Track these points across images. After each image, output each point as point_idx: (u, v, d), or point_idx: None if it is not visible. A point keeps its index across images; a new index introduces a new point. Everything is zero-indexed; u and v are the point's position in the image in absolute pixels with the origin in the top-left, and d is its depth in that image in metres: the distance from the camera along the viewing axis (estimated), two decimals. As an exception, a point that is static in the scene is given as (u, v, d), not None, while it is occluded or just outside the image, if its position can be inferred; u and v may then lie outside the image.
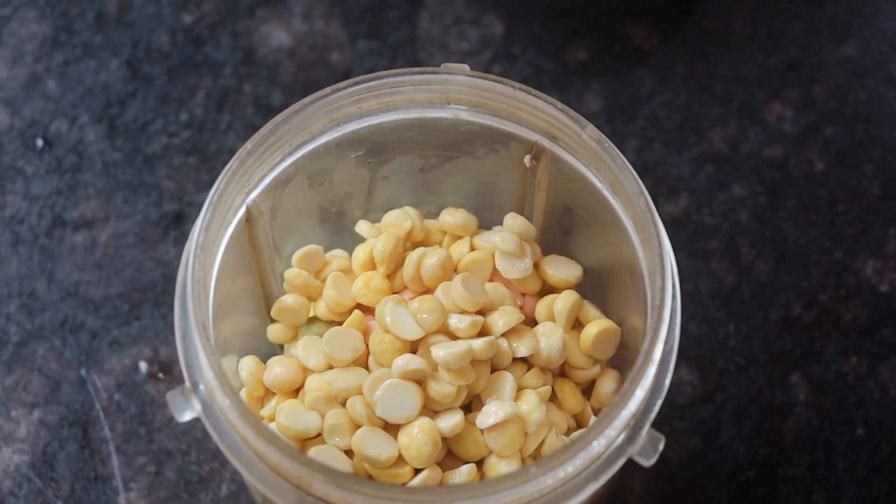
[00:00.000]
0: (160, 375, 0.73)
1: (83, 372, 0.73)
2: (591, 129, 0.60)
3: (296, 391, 0.63)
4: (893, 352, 0.74)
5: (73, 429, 0.72)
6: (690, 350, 0.74)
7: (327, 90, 0.60)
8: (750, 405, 0.73)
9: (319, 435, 0.61)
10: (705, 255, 0.77)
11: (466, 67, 0.62)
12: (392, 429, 0.61)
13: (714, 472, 0.72)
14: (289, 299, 0.65)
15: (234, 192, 0.58)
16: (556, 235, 0.67)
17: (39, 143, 0.79)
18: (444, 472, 0.61)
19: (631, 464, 0.57)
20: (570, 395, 0.63)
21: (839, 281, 0.76)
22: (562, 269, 0.65)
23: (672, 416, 0.73)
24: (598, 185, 0.62)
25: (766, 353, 0.74)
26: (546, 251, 0.67)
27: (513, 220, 0.65)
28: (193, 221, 0.57)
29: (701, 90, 0.82)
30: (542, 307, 0.64)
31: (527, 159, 0.64)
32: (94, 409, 0.72)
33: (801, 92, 0.81)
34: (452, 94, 0.62)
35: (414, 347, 0.62)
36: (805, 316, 0.75)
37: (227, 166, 0.57)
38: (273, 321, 0.66)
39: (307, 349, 0.63)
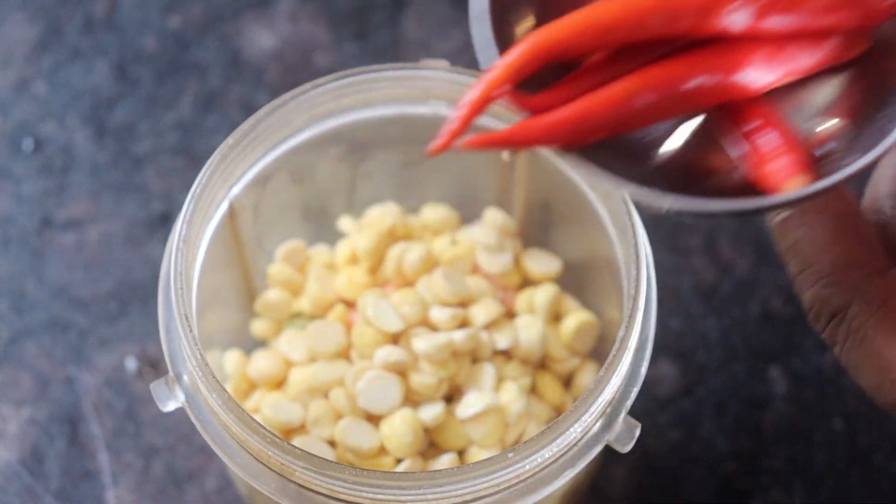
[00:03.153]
0: (148, 372, 0.74)
1: (72, 369, 0.74)
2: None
3: (279, 384, 0.64)
4: (871, 345, 0.75)
5: (62, 426, 0.73)
6: (672, 345, 0.75)
7: (307, 85, 0.60)
8: (730, 399, 0.74)
9: (303, 426, 0.62)
10: (686, 252, 0.78)
11: (446, 63, 0.62)
12: (374, 419, 0.62)
13: (695, 464, 0.72)
14: (272, 294, 0.66)
15: (217, 186, 0.59)
16: (536, 229, 0.68)
17: (29, 144, 0.80)
18: (425, 461, 0.62)
19: (612, 455, 0.57)
20: (550, 387, 0.64)
21: (818, 276, 0.77)
22: (541, 263, 0.66)
23: (654, 409, 0.73)
24: (576, 179, 0.62)
25: (746, 348, 0.75)
26: (526, 244, 0.67)
27: (493, 215, 0.66)
28: (180, 221, 0.58)
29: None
30: (522, 300, 0.65)
31: (505, 154, 0.65)
32: (82, 406, 0.73)
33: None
34: (432, 90, 0.63)
35: (395, 340, 0.62)
36: (784, 311, 0.76)
37: (210, 161, 0.58)
38: (257, 316, 0.66)
39: (291, 343, 0.64)
